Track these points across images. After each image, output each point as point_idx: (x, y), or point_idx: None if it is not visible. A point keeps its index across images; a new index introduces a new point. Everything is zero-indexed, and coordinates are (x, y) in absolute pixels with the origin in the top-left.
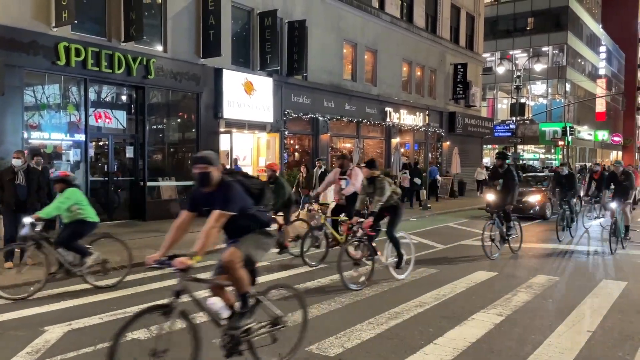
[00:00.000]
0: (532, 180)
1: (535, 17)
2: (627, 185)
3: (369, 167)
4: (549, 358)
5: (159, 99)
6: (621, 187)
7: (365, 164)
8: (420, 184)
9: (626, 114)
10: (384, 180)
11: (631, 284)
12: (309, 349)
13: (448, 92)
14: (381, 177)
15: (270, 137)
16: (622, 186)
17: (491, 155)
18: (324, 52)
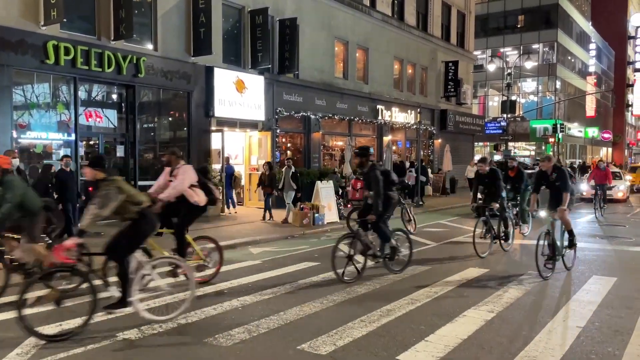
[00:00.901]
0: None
1: (526, 15)
2: (560, 187)
3: (92, 165)
4: (540, 354)
5: (150, 98)
6: (554, 190)
7: (88, 162)
8: (425, 181)
9: (616, 111)
10: (112, 185)
11: (620, 279)
12: (301, 347)
13: (439, 89)
14: (110, 181)
15: (262, 136)
16: (554, 188)
17: (483, 152)
18: (315, 50)
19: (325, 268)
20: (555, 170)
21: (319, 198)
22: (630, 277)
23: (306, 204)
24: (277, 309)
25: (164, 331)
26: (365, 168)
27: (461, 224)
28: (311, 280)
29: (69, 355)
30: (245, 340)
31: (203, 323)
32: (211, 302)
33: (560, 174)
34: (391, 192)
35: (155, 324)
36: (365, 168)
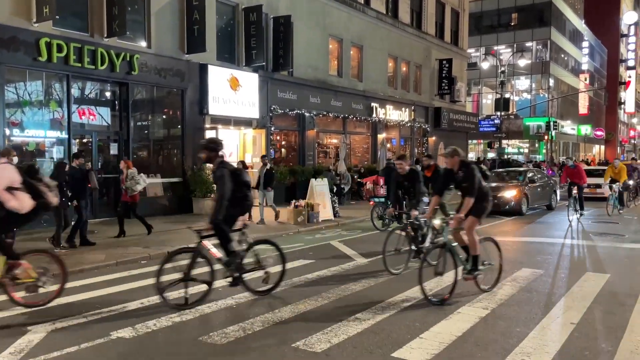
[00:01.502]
0: (507, 176)
1: (519, 13)
2: (467, 188)
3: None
4: (534, 350)
5: (144, 95)
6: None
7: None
8: None
9: (608, 109)
10: None
11: (614, 276)
12: (296, 345)
13: (433, 87)
14: None
15: (257, 133)
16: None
17: (477, 150)
18: (310, 48)
19: (320, 266)
20: (462, 167)
21: (314, 196)
22: (624, 274)
23: (301, 201)
24: (272, 307)
25: (158, 329)
26: (214, 165)
27: None
28: (306, 278)
29: (63, 354)
30: (240, 338)
31: (197, 321)
32: (205, 300)
33: (467, 172)
34: (241, 194)
35: (149, 321)
36: (213, 165)
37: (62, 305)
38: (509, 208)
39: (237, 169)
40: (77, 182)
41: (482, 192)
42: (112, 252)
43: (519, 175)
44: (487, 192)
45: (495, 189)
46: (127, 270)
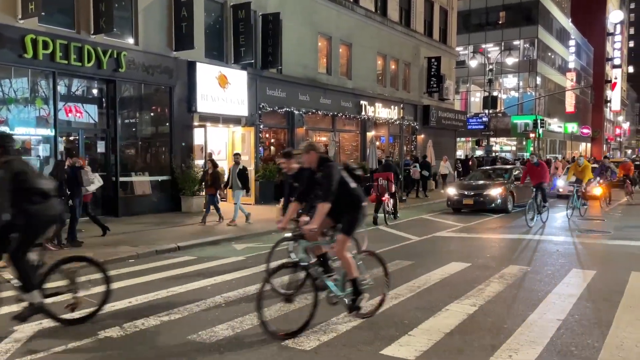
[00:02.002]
0: (493, 173)
1: (507, 11)
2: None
3: None
4: (521, 347)
5: (131, 93)
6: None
7: None
8: (428, 175)
9: (595, 107)
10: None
11: (599, 272)
12: (285, 343)
13: (422, 85)
14: None
15: (245, 131)
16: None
17: (465, 148)
18: (299, 46)
19: None
20: (321, 166)
21: None
22: (609, 270)
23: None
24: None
25: (147, 329)
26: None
27: (443, 219)
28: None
29: (50, 354)
30: (228, 337)
31: (186, 320)
32: (194, 299)
33: (324, 172)
34: (38, 206)
35: (137, 320)
36: None
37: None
38: (495, 206)
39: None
40: (71, 181)
41: (351, 199)
42: (99, 251)
43: (505, 173)
44: (358, 199)
45: (481, 187)
46: (115, 269)
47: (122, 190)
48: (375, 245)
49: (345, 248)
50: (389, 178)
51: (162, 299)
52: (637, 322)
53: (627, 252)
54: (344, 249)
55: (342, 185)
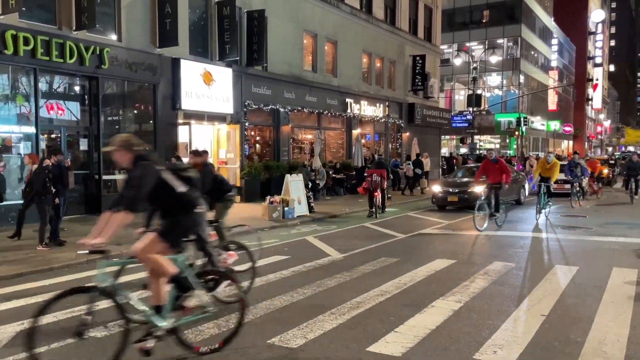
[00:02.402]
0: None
1: (491, 10)
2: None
3: None
4: (506, 342)
5: (114, 90)
6: None
7: None
8: (421, 173)
9: (576, 105)
10: None
11: (582, 268)
12: (271, 341)
13: (407, 83)
14: None
15: (231, 129)
16: None
17: (449, 145)
18: (284, 43)
19: (295, 262)
20: (134, 166)
21: (289, 191)
22: (591, 266)
23: (276, 197)
24: (247, 304)
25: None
26: None
27: (428, 216)
28: (281, 274)
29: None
30: (214, 336)
31: None
32: None
33: (134, 174)
34: None
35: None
36: None
37: (30, 304)
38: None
39: None
40: (56, 179)
41: (179, 203)
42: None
43: None
44: (189, 204)
45: (465, 184)
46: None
47: (104, 188)
48: (362, 243)
49: (154, 250)
50: (382, 175)
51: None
52: (618, 317)
53: (609, 248)
54: (151, 250)
55: (163, 190)
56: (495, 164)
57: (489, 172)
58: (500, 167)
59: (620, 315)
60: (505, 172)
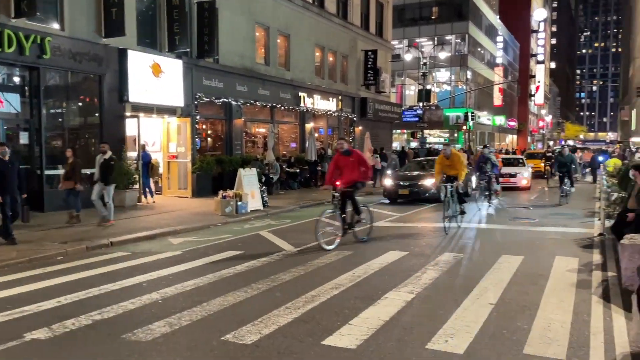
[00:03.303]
0: (427, 164)
1: (439, 7)
2: None
3: None
4: (457, 331)
5: (57, 81)
6: None
7: None
8: (387, 165)
9: (520, 101)
10: None
11: (527, 258)
12: (225, 337)
13: (359, 78)
14: None
15: (181, 122)
16: None
17: (400, 139)
18: (236, 35)
19: (249, 257)
20: None
21: (242, 186)
22: (535, 255)
23: (229, 192)
24: (200, 300)
25: (77, 329)
26: None
27: (380, 209)
28: (235, 270)
29: None
30: (166, 334)
31: (120, 318)
32: (128, 296)
33: None
34: None
35: (67, 320)
36: None
37: None
38: (429, 195)
39: None
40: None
41: None
42: (24, 248)
43: None
44: None
45: (416, 177)
46: (41, 267)
47: (47, 184)
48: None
49: None
50: None
51: (94, 297)
52: (562, 304)
53: (551, 238)
54: None
55: None
56: (348, 156)
57: (341, 168)
58: (354, 161)
59: (563, 302)
60: (360, 168)
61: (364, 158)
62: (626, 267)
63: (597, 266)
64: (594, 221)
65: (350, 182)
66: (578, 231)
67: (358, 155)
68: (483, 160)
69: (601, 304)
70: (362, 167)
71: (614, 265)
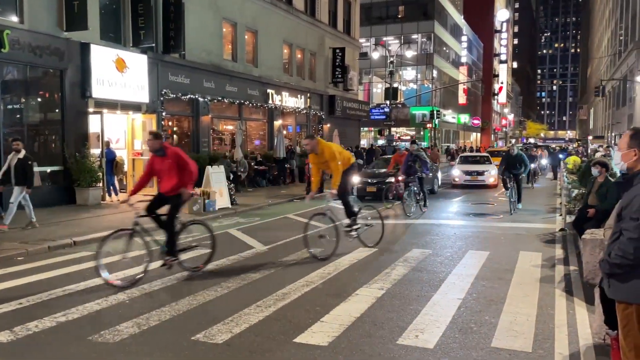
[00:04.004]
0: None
1: (406, 6)
2: None
3: None
4: (426, 326)
5: (15, 76)
6: None
7: None
8: (362, 163)
9: (484, 99)
10: None
11: (492, 253)
12: (196, 337)
13: (328, 75)
14: None
15: (147, 119)
16: None
17: (368, 137)
18: (203, 30)
19: (218, 255)
20: None
21: (210, 184)
22: (501, 251)
23: (196, 190)
24: (169, 300)
25: (41, 331)
26: None
27: None
28: (204, 268)
29: None
30: (134, 335)
31: (86, 319)
32: (94, 297)
33: None
34: None
35: (30, 322)
36: None
37: None
38: (396, 192)
39: None
40: None
41: None
42: None
43: None
44: None
45: (383, 175)
46: (1, 268)
47: None
48: (286, 234)
49: None
50: None
51: (58, 298)
52: (526, 298)
53: (516, 234)
54: None
55: None
56: (163, 157)
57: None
58: (171, 164)
59: (528, 296)
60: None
61: (184, 160)
62: (587, 261)
63: (560, 260)
64: (555, 217)
65: (166, 191)
66: (541, 227)
67: (177, 155)
68: (411, 159)
69: (564, 298)
70: (179, 177)
71: (575, 260)
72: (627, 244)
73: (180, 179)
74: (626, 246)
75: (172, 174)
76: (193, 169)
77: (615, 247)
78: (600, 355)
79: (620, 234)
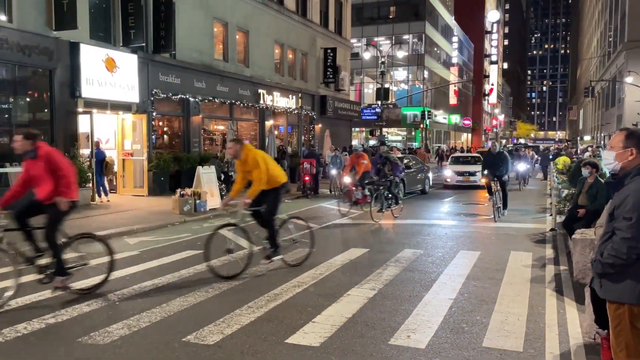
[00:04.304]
0: None
1: (397, 6)
2: None
3: None
4: (418, 326)
5: (4, 75)
6: None
7: None
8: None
9: (475, 100)
10: None
11: (483, 253)
12: (187, 339)
13: (319, 75)
14: None
15: (137, 119)
16: None
17: (359, 137)
18: (194, 30)
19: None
20: None
21: (201, 184)
22: (492, 251)
23: (187, 190)
24: (159, 301)
25: (30, 333)
26: None
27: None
28: (195, 269)
29: None
30: (125, 337)
31: (75, 321)
32: (83, 299)
33: None
34: None
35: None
36: None
37: None
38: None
39: None
40: None
41: None
42: None
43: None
44: None
45: None
46: None
47: None
48: None
49: None
50: (311, 163)
51: (47, 300)
52: (517, 298)
53: (506, 234)
54: None
55: None
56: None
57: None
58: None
59: (518, 295)
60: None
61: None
62: (578, 261)
63: (550, 260)
64: (545, 217)
65: None
66: (531, 227)
67: (50, 161)
68: (381, 162)
69: (555, 297)
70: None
71: (565, 260)
72: (620, 244)
73: (55, 185)
74: (619, 246)
75: (46, 178)
76: (67, 173)
77: (608, 247)
78: (591, 355)
79: (612, 234)
